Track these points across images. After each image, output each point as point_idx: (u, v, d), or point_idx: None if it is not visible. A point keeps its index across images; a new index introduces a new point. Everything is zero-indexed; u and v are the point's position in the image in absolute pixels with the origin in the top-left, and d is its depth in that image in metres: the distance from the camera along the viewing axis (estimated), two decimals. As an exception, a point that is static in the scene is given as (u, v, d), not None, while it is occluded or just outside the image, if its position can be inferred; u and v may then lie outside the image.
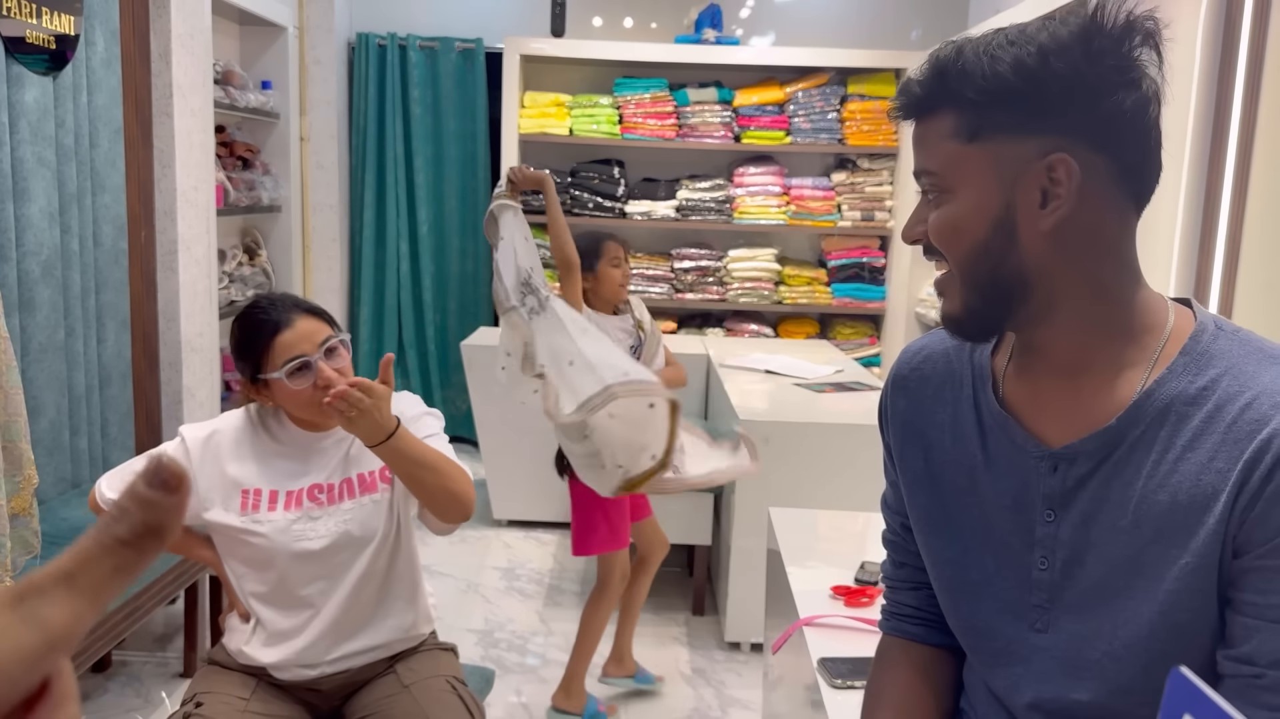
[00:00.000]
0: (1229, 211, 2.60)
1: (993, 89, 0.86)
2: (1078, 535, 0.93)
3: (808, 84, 4.63)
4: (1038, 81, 0.85)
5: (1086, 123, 0.86)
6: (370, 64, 4.82)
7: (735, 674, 3.06)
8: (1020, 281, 0.91)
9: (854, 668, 1.47)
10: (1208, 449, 0.87)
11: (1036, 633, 0.97)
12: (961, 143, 0.89)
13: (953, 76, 0.88)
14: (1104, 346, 0.93)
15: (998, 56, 0.86)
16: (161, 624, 3.17)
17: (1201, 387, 0.88)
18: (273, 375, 1.66)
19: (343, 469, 1.77)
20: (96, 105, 2.81)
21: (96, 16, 2.78)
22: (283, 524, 1.72)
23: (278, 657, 1.75)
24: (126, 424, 3.02)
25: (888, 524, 1.19)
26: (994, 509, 1.00)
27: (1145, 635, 0.89)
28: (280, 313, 1.68)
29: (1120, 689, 0.92)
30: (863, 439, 3.04)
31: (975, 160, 0.89)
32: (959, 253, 0.92)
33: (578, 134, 4.66)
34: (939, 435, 1.05)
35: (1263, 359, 0.88)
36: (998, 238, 0.90)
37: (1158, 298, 0.95)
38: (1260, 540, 0.83)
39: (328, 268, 4.82)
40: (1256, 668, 0.83)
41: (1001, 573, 0.99)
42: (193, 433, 1.77)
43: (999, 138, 0.88)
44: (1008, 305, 0.92)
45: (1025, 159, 0.87)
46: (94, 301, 2.86)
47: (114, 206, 2.91)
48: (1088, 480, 0.92)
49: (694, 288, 4.76)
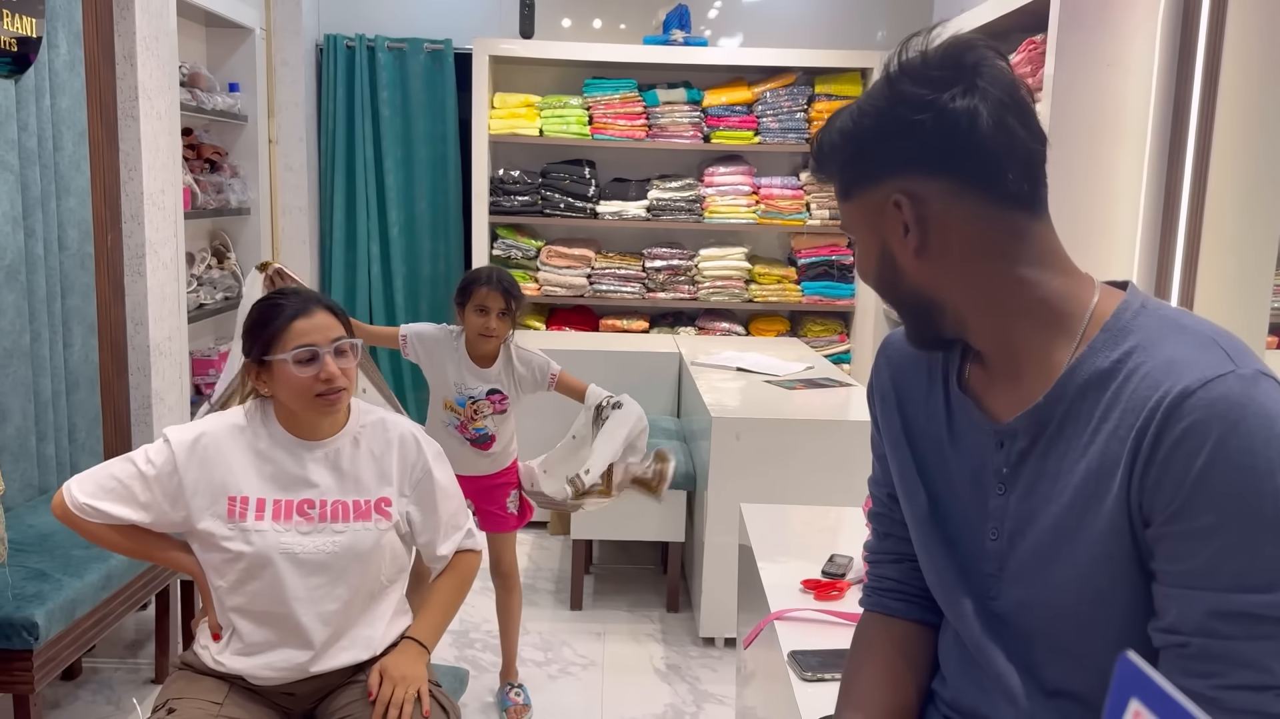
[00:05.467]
0: (1188, 205, 2.64)
1: (837, 157, 1.02)
2: (1021, 507, 0.99)
3: (775, 84, 4.66)
4: (860, 140, 0.99)
5: (909, 157, 0.97)
6: (338, 65, 4.80)
7: (710, 669, 3.08)
8: (922, 300, 1.02)
9: (824, 661, 1.49)
10: (1114, 419, 0.90)
11: (990, 600, 1.03)
12: (843, 201, 1.04)
13: (820, 152, 1.04)
14: (1028, 335, 0.98)
15: (836, 128, 1.01)
16: (133, 630, 3.15)
17: (1115, 360, 0.92)
18: (279, 357, 1.68)
19: (338, 488, 1.75)
20: (60, 108, 2.79)
21: (59, 19, 2.76)
22: (270, 535, 1.70)
23: (253, 666, 1.74)
24: (94, 429, 3.00)
25: (874, 498, 1.24)
26: (958, 484, 1.06)
27: (1072, 601, 0.94)
28: (302, 302, 1.73)
29: (1063, 652, 0.97)
30: (834, 435, 3.06)
31: (852, 213, 1.04)
32: (872, 287, 1.07)
33: (548, 135, 4.66)
34: (914, 411, 1.13)
35: (1170, 329, 0.92)
36: (886, 271, 1.03)
37: (1085, 282, 0.99)
38: (1161, 507, 0.86)
39: (297, 270, 4.75)
40: (1181, 636, 0.86)
41: (964, 543, 1.06)
42: (179, 435, 1.74)
43: (859, 191, 1.02)
44: (928, 320, 1.04)
45: (880, 203, 0.99)
46: (60, 306, 2.83)
47: (79, 210, 2.89)
48: (1028, 455, 0.98)
49: (666, 287, 4.78)
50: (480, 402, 2.70)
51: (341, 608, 1.75)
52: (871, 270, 1.04)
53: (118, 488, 1.72)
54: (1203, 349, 0.88)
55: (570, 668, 3.07)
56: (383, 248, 4.98)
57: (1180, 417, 0.84)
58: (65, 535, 2.48)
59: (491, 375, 2.70)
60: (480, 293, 2.62)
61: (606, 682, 3.00)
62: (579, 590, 3.48)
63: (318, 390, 1.69)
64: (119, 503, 1.71)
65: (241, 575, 1.72)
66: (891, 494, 1.18)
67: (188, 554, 1.78)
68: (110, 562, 2.42)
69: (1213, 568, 0.83)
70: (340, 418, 1.79)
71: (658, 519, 3.41)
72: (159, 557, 1.81)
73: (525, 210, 4.69)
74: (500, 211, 4.67)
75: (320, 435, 1.77)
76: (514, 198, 4.68)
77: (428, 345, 2.76)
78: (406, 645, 1.79)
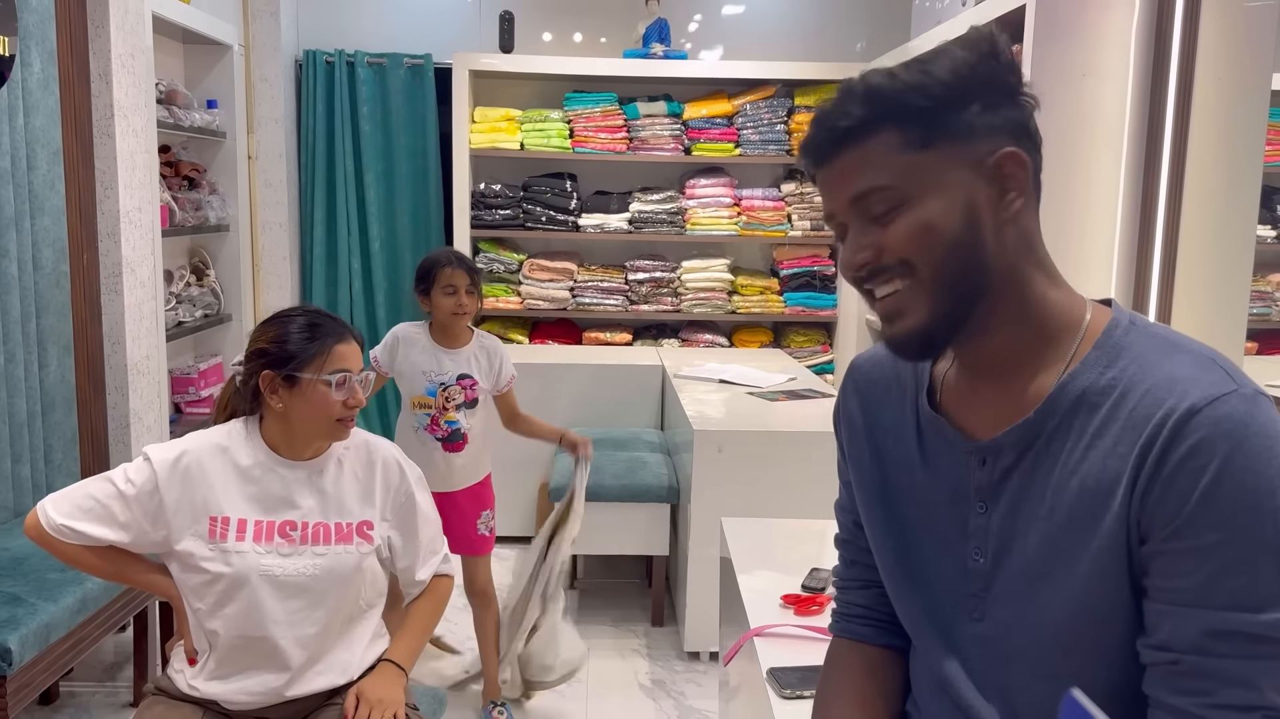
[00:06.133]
0: (1165, 212, 2.66)
1: (938, 95, 0.91)
2: (1006, 525, 0.97)
3: (755, 96, 4.67)
4: (978, 86, 0.91)
5: (1015, 122, 0.93)
6: (318, 81, 4.79)
7: (694, 684, 3.07)
8: (983, 283, 0.94)
9: (803, 677, 1.48)
10: (1112, 436, 0.89)
11: (974, 621, 1.00)
12: (914, 153, 0.92)
13: (893, 93, 0.91)
14: (1028, 347, 0.96)
15: (931, 70, 0.91)
16: (110, 653, 3.11)
17: (1110, 378, 0.91)
18: (319, 377, 1.68)
19: (320, 510, 1.74)
20: (34, 127, 2.77)
21: (32, 37, 2.74)
22: (251, 556, 1.68)
23: (228, 691, 1.72)
24: (71, 450, 2.97)
25: (841, 525, 1.22)
26: (933, 504, 1.04)
27: (1064, 620, 0.92)
28: (341, 327, 1.75)
29: (1045, 674, 0.95)
30: (817, 446, 3.06)
31: (933, 165, 0.92)
32: (934, 253, 0.92)
33: (529, 148, 4.66)
34: (884, 436, 1.09)
35: (1166, 348, 0.91)
36: (968, 233, 0.92)
37: (1076, 298, 0.98)
38: (1161, 524, 0.85)
39: (278, 286, 4.77)
40: (1173, 653, 0.85)
41: (941, 564, 1.03)
42: (160, 454, 1.71)
43: (949, 141, 0.92)
44: (968, 310, 0.94)
45: (978, 157, 0.92)
46: (35, 326, 2.80)
47: (54, 229, 2.86)
48: (1012, 472, 0.96)
49: (648, 299, 4.78)
50: (451, 388, 2.70)
51: (320, 631, 1.73)
52: (949, 236, 0.92)
53: (96, 508, 1.69)
54: (1203, 368, 0.87)
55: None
56: (364, 263, 4.96)
57: (1187, 433, 0.84)
58: (40, 559, 2.45)
59: (462, 358, 2.72)
60: (445, 273, 2.65)
61: (591, 698, 2.98)
62: (563, 606, 3.46)
63: (340, 415, 1.71)
64: (97, 523, 1.69)
65: (220, 597, 1.69)
66: (857, 522, 1.16)
67: (165, 577, 1.76)
68: (86, 585, 2.39)
69: (1210, 586, 0.83)
70: None
71: (642, 533, 3.40)
72: (136, 579, 1.78)
73: (507, 224, 4.68)
74: (482, 225, 4.67)
75: (306, 456, 1.75)
76: (495, 211, 4.68)
77: (393, 348, 2.77)
78: (384, 668, 1.77)
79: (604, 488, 3.34)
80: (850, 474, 1.15)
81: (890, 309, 0.96)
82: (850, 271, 0.97)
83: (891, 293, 0.95)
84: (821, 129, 0.95)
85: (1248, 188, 2.47)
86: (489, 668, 2.84)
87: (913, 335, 0.96)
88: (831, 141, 0.95)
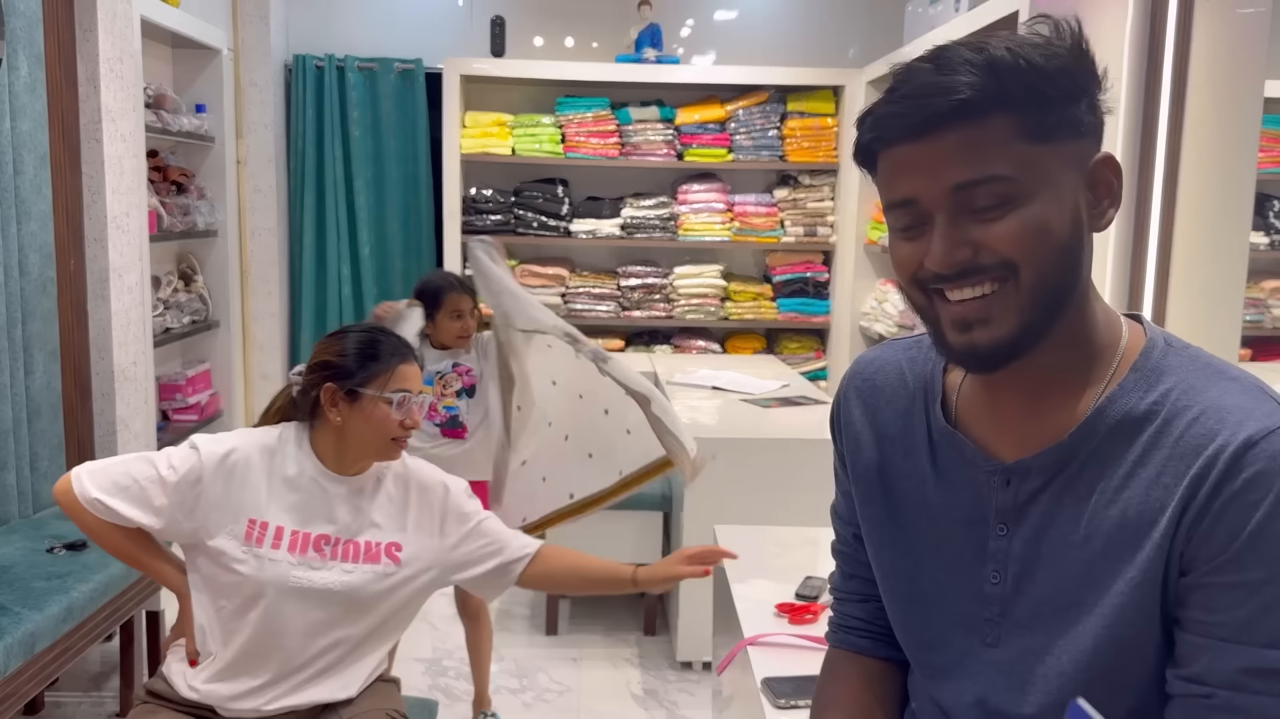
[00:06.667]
0: (1159, 220, 2.65)
1: (1063, 85, 0.83)
2: (1029, 550, 0.93)
3: (748, 102, 4.67)
4: (1089, 85, 0.86)
5: (1099, 127, 0.88)
6: (308, 86, 4.77)
7: (687, 694, 3.05)
8: (1075, 293, 0.89)
9: (797, 687, 1.46)
10: (1156, 465, 0.86)
11: (988, 647, 0.96)
12: (1034, 144, 0.83)
13: (1019, 72, 0.82)
14: (1073, 366, 0.92)
15: (1051, 55, 0.83)
16: (97, 663, 3.08)
17: (1152, 403, 0.88)
18: (382, 394, 1.70)
19: (355, 527, 1.73)
20: (20, 131, 2.74)
21: (19, 40, 2.72)
22: (284, 566, 1.67)
23: (227, 694, 1.69)
24: (57, 457, 2.94)
25: (838, 534, 1.18)
26: (946, 523, 0.99)
27: (1090, 650, 0.89)
28: (406, 348, 1.78)
29: (1062, 704, 0.90)
30: (810, 453, 3.04)
31: (1053, 160, 0.84)
32: (1043, 258, 0.85)
33: (520, 153, 4.65)
34: (890, 448, 1.04)
35: (1210, 374, 0.88)
36: (1074, 239, 0.87)
37: (1113, 313, 0.95)
38: (1206, 557, 0.83)
39: (267, 292, 4.75)
40: (1207, 687, 0.83)
41: (954, 586, 0.99)
42: (209, 447, 1.70)
43: (1067, 137, 0.85)
44: (1054, 321, 0.88)
45: (1084, 157, 0.87)
46: (20, 332, 2.77)
47: (41, 234, 2.83)
48: (1040, 495, 0.92)
49: (641, 305, 4.76)
50: (448, 375, 2.76)
51: (330, 645, 1.72)
52: (1061, 238, 0.85)
53: (133, 488, 1.67)
54: (1253, 397, 0.85)
55: (545, 694, 3.03)
56: (354, 269, 4.94)
57: (1243, 467, 0.81)
58: (25, 567, 2.42)
59: (457, 353, 2.79)
60: (452, 299, 2.73)
61: (583, 708, 2.95)
62: (554, 615, 3.44)
63: (395, 434, 1.72)
64: (132, 504, 1.67)
65: (245, 601, 1.68)
66: (856, 534, 1.12)
67: (179, 572, 1.74)
68: (71, 593, 2.36)
69: (1252, 622, 0.81)
70: None
71: (634, 541, 3.38)
72: (150, 567, 1.76)
73: (498, 229, 4.67)
74: (473, 231, 4.64)
75: (351, 472, 1.75)
76: (487, 217, 4.66)
77: None
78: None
79: (596, 495, 3.32)
80: (851, 485, 1.10)
81: (974, 314, 0.87)
82: (940, 268, 0.86)
83: (978, 296, 0.86)
84: (919, 98, 0.83)
85: (1241, 194, 2.47)
86: (479, 679, 2.82)
87: (999, 345, 0.87)
88: (938, 115, 0.82)
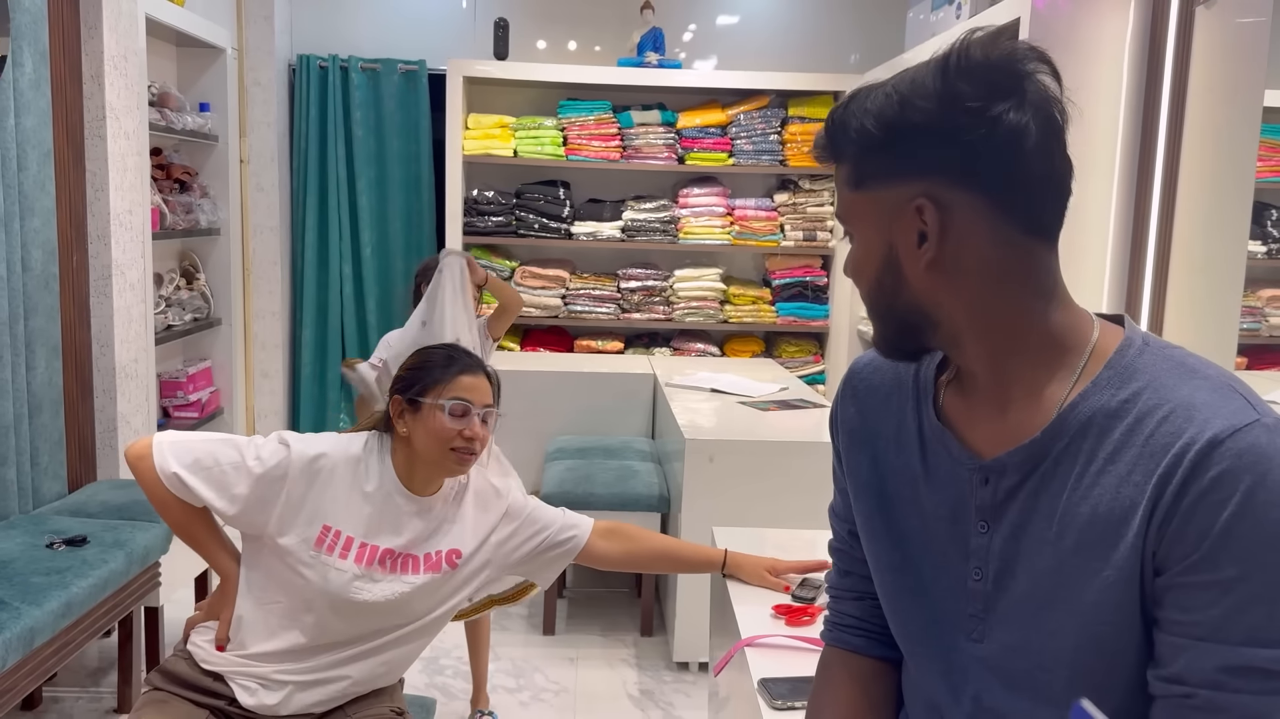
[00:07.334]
0: (1157, 227, 2.67)
1: (862, 142, 0.92)
2: (1008, 547, 0.94)
3: (749, 106, 4.68)
4: (898, 131, 0.90)
5: (947, 164, 0.89)
6: (311, 85, 4.78)
7: (683, 695, 3.05)
8: (918, 313, 0.95)
9: (794, 688, 1.47)
10: (1127, 462, 0.87)
11: (973, 642, 0.98)
12: (851, 190, 0.95)
13: (838, 130, 0.94)
14: (1022, 368, 0.94)
15: (868, 109, 0.91)
16: (95, 658, 3.08)
17: (1123, 400, 0.89)
18: (436, 401, 1.71)
19: (417, 543, 1.75)
20: (25, 127, 2.75)
21: (24, 37, 2.73)
22: (348, 576, 1.68)
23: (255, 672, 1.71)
24: (58, 453, 2.95)
25: (835, 532, 1.20)
26: (933, 520, 1.01)
27: (1070, 648, 0.90)
28: (472, 361, 1.79)
29: (1049, 700, 0.93)
30: (808, 456, 3.05)
31: (862, 205, 0.95)
32: (862, 289, 0.99)
33: (522, 155, 4.66)
34: (884, 445, 1.06)
35: (1183, 373, 0.89)
36: (888, 276, 0.95)
37: (1083, 317, 0.96)
38: (1179, 557, 0.83)
39: (269, 290, 4.76)
40: (1187, 687, 0.84)
41: (940, 582, 1.01)
42: (300, 446, 1.72)
43: (876, 185, 0.93)
44: (915, 334, 0.97)
45: (899, 203, 0.91)
46: (23, 328, 2.78)
47: (44, 231, 2.85)
48: (1016, 492, 0.94)
49: (640, 308, 4.77)
50: None
51: (373, 651, 1.74)
52: (870, 273, 0.96)
53: (215, 470, 1.68)
54: (1222, 395, 0.85)
55: (542, 694, 3.04)
56: (355, 269, 4.95)
57: (1209, 465, 0.82)
58: (25, 563, 2.43)
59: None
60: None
61: (579, 708, 2.96)
62: (551, 615, 3.45)
63: (455, 445, 1.71)
64: (211, 486, 1.68)
65: (299, 604, 1.70)
66: (853, 531, 1.14)
67: (234, 562, 1.75)
68: (71, 589, 2.37)
69: (1227, 621, 0.82)
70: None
71: (631, 542, 3.38)
72: (208, 550, 1.77)
73: (500, 231, 4.68)
74: (474, 232, 4.66)
75: (428, 491, 1.76)
76: (488, 218, 4.67)
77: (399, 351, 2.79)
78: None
79: (594, 496, 3.33)
80: (847, 482, 1.12)
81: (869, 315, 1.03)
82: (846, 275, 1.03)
83: None
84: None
85: (1239, 203, 2.48)
86: (477, 677, 2.83)
87: (876, 345, 1.03)
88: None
